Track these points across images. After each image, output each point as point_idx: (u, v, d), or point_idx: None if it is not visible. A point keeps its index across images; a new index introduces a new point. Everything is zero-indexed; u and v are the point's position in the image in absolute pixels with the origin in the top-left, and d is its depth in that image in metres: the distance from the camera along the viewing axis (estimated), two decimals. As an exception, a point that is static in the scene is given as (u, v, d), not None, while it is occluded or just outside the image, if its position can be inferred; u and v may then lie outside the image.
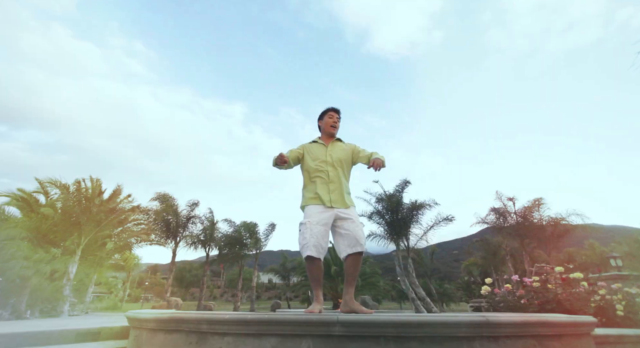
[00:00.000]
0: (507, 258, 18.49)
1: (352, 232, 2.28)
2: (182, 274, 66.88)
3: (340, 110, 2.78)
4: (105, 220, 8.64)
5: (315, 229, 2.28)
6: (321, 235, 2.27)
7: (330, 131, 2.69)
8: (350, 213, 2.40)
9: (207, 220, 21.00)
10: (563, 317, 2.05)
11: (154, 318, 2.12)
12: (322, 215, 2.35)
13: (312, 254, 2.22)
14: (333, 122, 2.70)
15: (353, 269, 2.27)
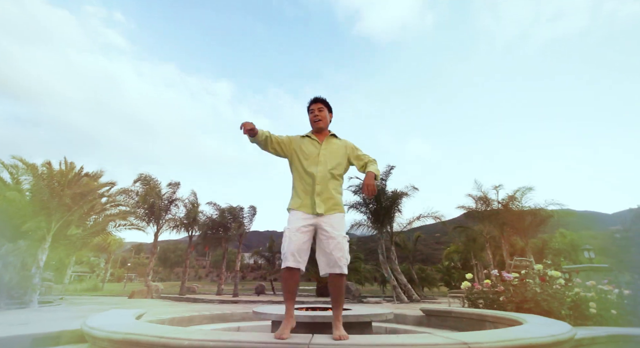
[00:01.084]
0: (486, 245, 19.09)
1: (331, 251, 2.04)
2: (167, 254, 66.62)
3: (322, 98, 2.45)
4: (76, 205, 8.22)
5: (295, 237, 2.07)
6: (301, 244, 2.07)
7: (316, 126, 2.39)
8: (335, 224, 2.12)
9: (190, 203, 20.61)
10: (546, 337, 1.95)
11: (106, 338, 1.91)
12: (304, 222, 2.13)
13: (290, 265, 2.02)
14: (314, 116, 2.37)
15: (334, 290, 2.07)
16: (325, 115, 2.40)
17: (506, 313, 3.81)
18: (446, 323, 4.73)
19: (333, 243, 2.05)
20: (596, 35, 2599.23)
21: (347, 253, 2.08)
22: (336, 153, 2.32)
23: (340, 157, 2.32)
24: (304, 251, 2.08)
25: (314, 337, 1.65)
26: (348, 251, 2.10)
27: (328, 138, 2.39)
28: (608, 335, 3.51)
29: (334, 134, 2.43)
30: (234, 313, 5.37)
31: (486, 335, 1.86)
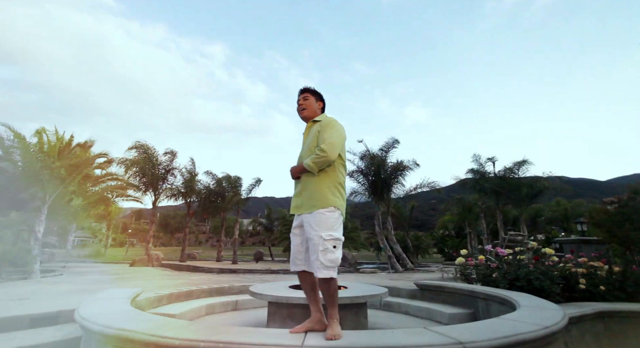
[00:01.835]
0: (481, 215, 19.45)
1: (310, 256, 1.95)
2: (167, 220, 67.72)
3: (308, 88, 2.28)
4: (69, 178, 8.09)
5: (294, 241, 2.09)
6: (296, 247, 2.06)
7: (300, 115, 2.27)
8: (312, 223, 1.94)
9: (187, 172, 20.49)
10: (540, 330, 1.94)
11: (99, 332, 1.88)
12: (295, 223, 2.11)
13: (292, 269, 2.06)
14: (298, 105, 2.26)
15: (322, 293, 1.99)
16: (310, 103, 2.24)
17: (498, 291, 3.87)
18: (439, 298, 4.85)
19: (309, 243, 1.96)
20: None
21: (326, 253, 1.87)
22: (312, 141, 2.10)
23: (313, 146, 2.08)
24: (301, 253, 2.05)
25: (306, 338, 1.62)
26: (329, 252, 1.88)
27: (308, 127, 2.23)
28: (595, 312, 3.61)
29: (315, 120, 2.20)
30: (231, 286, 5.49)
31: (481, 330, 1.84)
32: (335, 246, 1.91)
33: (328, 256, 1.87)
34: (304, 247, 2.04)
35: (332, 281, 1.92)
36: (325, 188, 2.03)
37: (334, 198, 2.01)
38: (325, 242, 1.88)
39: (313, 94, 2.27)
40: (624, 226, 5.77)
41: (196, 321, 3.88)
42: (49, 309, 3.30)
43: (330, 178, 2.06)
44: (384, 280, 7.52)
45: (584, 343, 3.37)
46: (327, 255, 1.87)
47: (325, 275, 1.86)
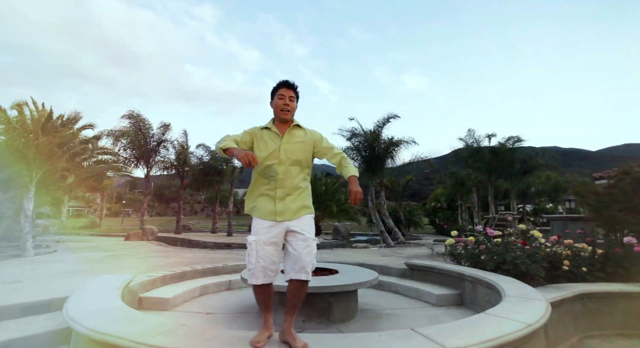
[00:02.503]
0: (473, 188, 19.78)
1: (299, 255, 1.89)
2: (161, 190, 67.80)
3: (296, 85, 2.09)
4: (55, 155, 7.86)
5: (263, 251, 1.90)
6: (270, 257, 1.92)
7: (282, 117, 2.04)
8: (303, 226, 1.96)
9: (179, 145, 20.16)
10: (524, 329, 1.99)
11: (86, 335, 1.88)
12: (272, 232, 1.94)
13: (260, 282, 1.91)
14: (284, 104, 2.02)
15: (295, 297, 1.94)
16: (294, 106, 2.08)
17: (485, 274, 3.98)
18: (428, 278, 5.00)
19: (302, 246, 1.91)
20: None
21: (315, 255, 1.96)
22: (300, 147, 2.03)
23: (305, 151, 2.05)
24: (275, 263, 1.95)
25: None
26: (315, 254, 1.97)
27: (290, 129, 2.07)
28: (575, 295, 3.75)
29: (297, 125, 2.11)
30: (225, 266, 5.57)
31: (466, 332, 1.87)
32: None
33: (316, 257, 1.98)
34: (277, 256, 1.96)
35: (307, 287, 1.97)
36: (309, 196, 2.10)
37: (312, 206, 2.10)
38: (315, 246, 1.96)
39: (297, 96, 2.12)
40: (611, 207, 5.85)
41: (188, 309, 3.94)
42: (41, 297, 3.31)
43: (308, 182, 2.12)
44: (375, 257, 7.71)
45: (562, 323, 3.53)
46: (315, 256, 1.97)
47: (310, 277, 1.94)
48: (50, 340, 2.68)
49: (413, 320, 3.58)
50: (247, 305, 3.94)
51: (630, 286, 4.08)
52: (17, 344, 2.59)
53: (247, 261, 1.93)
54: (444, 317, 3.73)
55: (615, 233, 5.94)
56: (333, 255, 8.03)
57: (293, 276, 1.90)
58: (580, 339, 3.61)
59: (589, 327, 3.77)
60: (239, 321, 3.41)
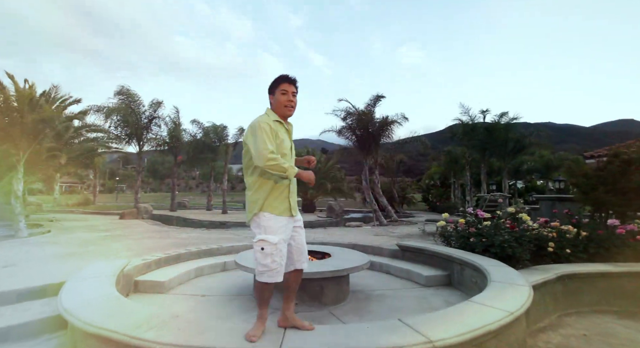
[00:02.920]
0: (466, 166, 19.97)
1: (302, 246, 1.99)
2: (155, 166, 67.30)
3: (296, 79, 2.03)
4: (43, 134, 7.66)
5: (285, 249, 1.95)
6: (285, 253, 1.97)
7: (287, 114, 2.02)
8: (301, 219, 2.10)
9: (172, 122, 19.73)
10: (505, 318, 2.08)
11: (81, 328, 1.92)
12: (288, 229, 1.97)
13: (281, 279, 1.92)
14: (288, 101, 1.97)
15: (295, 285, 2.07)
16: (296, 102, 2.05)
17: (472, 258, 4.09)
18: (419, 259, 5.14)
19: (301, 238, 2.05)
20: None
21: None
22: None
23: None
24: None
25: (283, 341, 1.68)
26: None
27: (288, 126, 2.13)
28: (557, 276, 3.91)
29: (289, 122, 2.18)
30: (220, 247, 5.65)
31: (451, 322, 1.95)
32: None
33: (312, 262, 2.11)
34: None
35: None
36: None
37: None
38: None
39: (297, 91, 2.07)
40: (598, 189, 5.97)
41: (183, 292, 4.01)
42: (36, 282, 3.34)
43: None
44: (368, 236, 7.87)
45: (543, 303, 3.70)
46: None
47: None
48: (48, 326, 2.73)
49: (402, 301, 3.72)
50: (242, 287, 4.04)
51: (609, 266, 4.26)
52: (15, 331, 2.64)
53: (269, 261, 1.86)
54: (431, 297, 3.88)
55: (600, 213, 6.11)
56: (327, 234, 8.17)
57: (299, 266, 2.00)
58: (559, 316, 3.81)
59: (567, 306, 3.96)
60: (234, 303, 3.51)
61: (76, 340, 2.06)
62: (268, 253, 1.86)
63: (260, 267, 1.88)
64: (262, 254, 1.87)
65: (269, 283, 1.89)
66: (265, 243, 1.88)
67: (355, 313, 3.31)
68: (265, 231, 1.90)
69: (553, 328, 3.51)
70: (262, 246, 1.88)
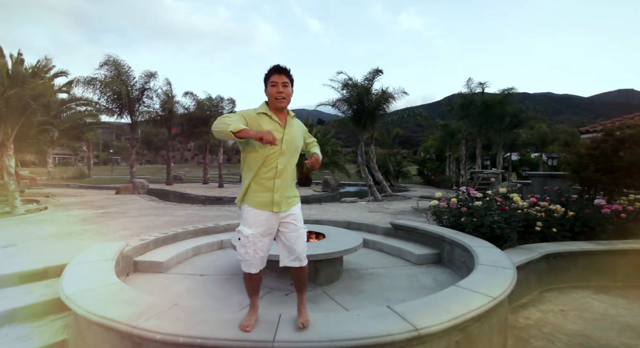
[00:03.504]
0: (462, 141, 19.96)
1: (292, 245, 1.99)
2: (149, 138, 66.38)
3: (288, 70, 1.95)
4: (30, 108, 7.43)
5: (260, 243, 1.94)
6: (266, 248, 1.99)
7: (278, 105, 1.94)
8: (296, 217, 2.02)
9: (164, 94, 19.19)
10: (489, 304, 2.19)
11: (84, 316, 2.00)
12: (268, 223, 1.95)
13: (257, 271, 1.99)
14: (277, 92, 1.90)
15: (299, 280, 2.09)
16: (289, 92, 1.96)
17: (462, 238, 4.21)
18: (411, 237, 5.29)
19: (295, 236, 2.00)
20: None
21: (305, 247, 2.07)
22: (298, 139, 2.04)
23: (300, 143, 2.09)
24: (269, 249, 2.03)
25: (277, 332, 1.78)
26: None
27: (290, 119, 2.03)
28: (541, 255, 4.08)
29: (293, 115, 2.08)
30: (216, 226, 5.74)
31: (437, 309, 2.06)
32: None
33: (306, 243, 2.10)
34: (270, 245, 2.03)
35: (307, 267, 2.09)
36: (294, 182, 2.12)
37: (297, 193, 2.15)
38: (305, 233, 2.09)
39: (291, 80, 1.99)
40: (589, 168, 6.05)
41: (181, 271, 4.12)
42: (37, 264, 3.41)
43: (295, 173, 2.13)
44: (363, 213, 8.02)
45: (527, 281, 3.89)
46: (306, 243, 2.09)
47: (306, 262, 2.06)
48: (52, 308, 2.84)
49: (393, 279, 3.88)
50: (238, 266, 4.13)
51: (591, 244, 4.45)
52: (21, 313, 2.75)
53: (243, 252, 1.93)
54: (421, 276, 4.05)
55: (589, 192, 6.25)
56: (322, 211, 8.31)
57: (288, 263, 2.03)
58: (540, 293, 4.03)
59: (549, 282, 4.18)
60: (231, 283, 3.64)
61: (80, 325, 2.15)
62: (242, 244, 1.93)
63: (238, 255, 1.99)
64: (239, 244, 1.96)
65: (247, 272, 1.99)
66: (240, 234, 1.95)
67: (348, 292, 3.47)
68: (243, 222, 1.97)
69: (534, 304, 3.73)
70: (238, 236, 1.96)
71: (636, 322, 3.24)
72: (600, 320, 3.33)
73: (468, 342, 2.06)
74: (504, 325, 2.57)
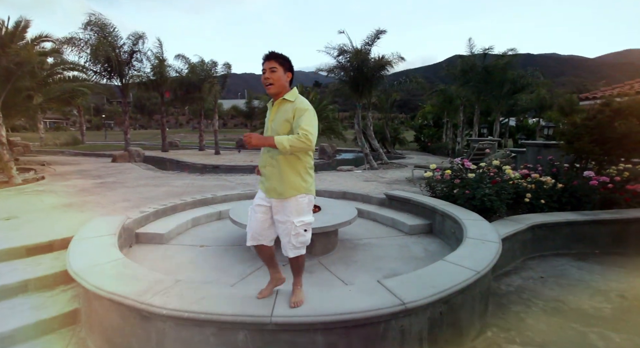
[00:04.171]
0: (460, 108, 19.70)
1: (280, 235, 2.07)
2: (142, 102, 64.58)
3: (276, 54, 1.92)
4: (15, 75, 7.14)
5: (254, 217, 2.09)
6: (260, 224, 2.07)
7: (267, 92, 1.97)
8: (286, 210, 1.99)
9: (155, 57, 18.33)
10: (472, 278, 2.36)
11: (93, 294, 2.13)
12: (263, 201, 2.08)
13: (250, 244, 2.11)
14: (264, 79, 1.93)
15: (292, 266, 2.17)
16: (278, 77, 1.90)
17: (453, 211, 4.36)
18: (404, 208, 5.45)
19: (280, 228, 2.05)
20: None
21: (298, 236, 2.01)
22: (284, 124, 1.93)
23: (286, 127, 1.93)
24: (265, 229, 2.09)
25: (275, 308, 1.92)
26: (300, 235, 2.02)
27: (278, 104, 1.98)
28: (528, 227, 4.28)
29: (284, 98, 1.96)
30: (214, 196, 5.85)
31: (424, 283, 2.21)
32: (306, 229, 2.05)
33: (299, 239, 2.03)
34: (268, 224, 2.10)
35: (301, 256, 2.12)
36: (297, 173, 1.99)
37: (305, 185, 2.02)
38: (297, 227, 1.99)
39: (281, 64, 1.91)
40: (584, 139, 6.10)
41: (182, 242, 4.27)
42: (42, 238, 3.52)
43: (302, 163, 2.00)
44: (358, 183, 8.15)
45: (512, 250, 4.11)
46: (299, 238, 2.02)
47: (296, 253, 2.06)
48: (61, 279, 3.00)
49: (385, 250, 4.07)
50: (236, 237, 4.31)
51: (576, 215, 4.65)
52: (32, 284, 2.91)
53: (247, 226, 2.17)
54: (413, 246, 4.25)
55: (581, 162, 6.35)
56: (318, 180, 8.42)
57: (268, 244, 2.16)
58: (524, 260, 4.28)
59: (533, 250, 4.42)
60: (230, 254, 3.82)
61: (90, 298, 2.30)
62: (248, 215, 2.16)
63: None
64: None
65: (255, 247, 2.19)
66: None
67: (342, 262, 3.66)
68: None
69: (517, 271, 3.97)
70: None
71: (607, 287, 3.50)
72: (575, 285, 3.59)
73: (451, 311, 2.24)
74: (485, 294, 2.78)
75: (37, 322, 2.47)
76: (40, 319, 2.49)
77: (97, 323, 2.27)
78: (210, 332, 1.86)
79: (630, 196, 5.07)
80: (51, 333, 2.51)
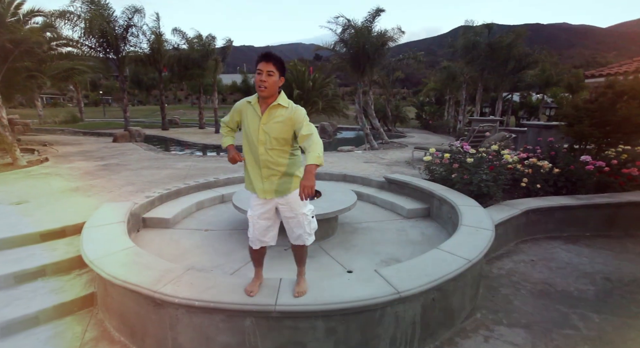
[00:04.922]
0: (463, 85, 19.33)
1: (291, 228, 2.15)
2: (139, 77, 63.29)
3: (275, 57, 1.90)
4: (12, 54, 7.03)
5: (257, 224, 2.12)
6: (264, 229, 2.15)
7: (259, 94, 1.94)
8: (291, 203, 2.08)
9: (151, 32, 17.78)
10: (464, 266, 2.50)
11: (108, 279, 2.29)
12: (264, 208, 2.11)
13: (257, 248, 2.21)
14: (260, 81, 1.88)
15: (297, 255, 2.29)
16: (274, 81, 1.90)
17: (450, 196, 4.46)
18: (403, 191, 5.56)
19: (293, 222, 2.14)
20: None
21: (310, 224, 2.16)
22: (279, 127, 1.97)
23: (285, 132, 1.98)
24: (270, 230, 2.18)
25: (279, 296, 2.07)
26: (311, 223, 2.18)
27: (270, 109, 1.97)
28: (522, 212, 4.41)
29: (279, 104, 1.97)
30: (217, 180, 5.96)
31: (417, 272, 2.36)
32: (313, 216, 2.22)
33: (312, 226, 2.21)
34: (274, 226, 2.19)
35: (305, 246, 2.25)
36: (297, 168, 2.13)
37: (301, 176, 2.12)
38: (308, 217, 2.14)
39: (279, 69, 1.91)
40: (584, 122, 6.09)
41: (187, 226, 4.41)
42: (54, 224, 3.66)
43: (299, 159, 2.15)
44: (359, 164, 8.23)
45: (505, 234, 4.27)
46: (311, 225, 2.20)
47: (311, 240, 2.23)
48: (76, 263, 3.17)
49: (384, 234, 4.22)
50: (239, 221, 4.45)
51: (570, 199, 4.77)
52: (50, 268, 3.08)
53: (250, 229, 2.18)
54: (410, 230, 4.40)
55: (580, 144, 6.39)
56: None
57: (292, 242, 2.24)
58: (516, 244, 4.45)
59: (526, 234, 4.58)
60: (234, 238, 3.98)
61: (106, 284, 2.47)
62: (249, 222, 2.18)
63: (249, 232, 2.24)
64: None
65: (249, 246, 2.26)
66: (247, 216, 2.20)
67: (342, 246, 3.82)
68: (250, 204, 2.21)
69: (509, 254, 4.15)
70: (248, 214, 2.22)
71: (593, 270, 3.68)
72: (563, 268, 3.77)
73: (443, 297, 2.41)
74: (477, 279, 2.95)
75: (58, 304, 2.66)
76: (60, 302, 2.68)
77: (113, 307, 2.45)
78: (220, 319, 2.03)
79: (624, 180, 5.16)
80: (71, 314, 2.71)
